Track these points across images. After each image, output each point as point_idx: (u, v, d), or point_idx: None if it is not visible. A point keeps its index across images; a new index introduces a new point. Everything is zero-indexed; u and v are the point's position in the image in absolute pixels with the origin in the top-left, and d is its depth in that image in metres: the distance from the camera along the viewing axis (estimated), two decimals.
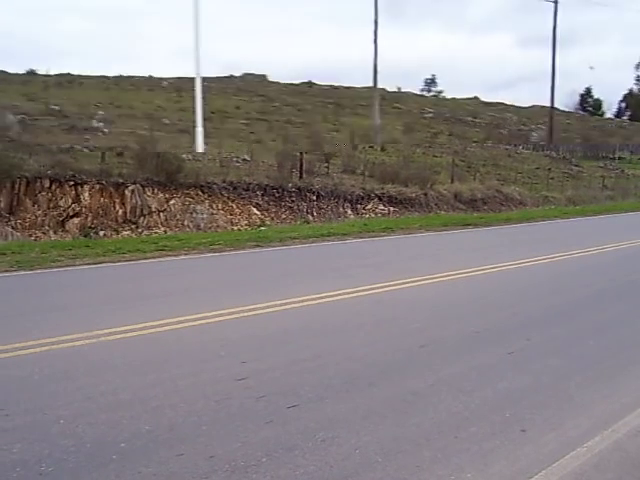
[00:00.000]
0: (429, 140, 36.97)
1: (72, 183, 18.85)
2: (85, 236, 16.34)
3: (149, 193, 19.21)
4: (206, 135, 24.39)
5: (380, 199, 21.36)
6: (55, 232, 17.88)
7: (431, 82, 76.79)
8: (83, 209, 18.83)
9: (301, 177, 21.12)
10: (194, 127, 24.04)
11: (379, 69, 35.15)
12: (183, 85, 41.05)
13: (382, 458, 3.26)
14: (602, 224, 18.32)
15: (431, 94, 69.44)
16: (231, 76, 54.50)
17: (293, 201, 20.39)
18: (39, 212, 18.55)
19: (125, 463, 3.14)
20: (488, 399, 4.10)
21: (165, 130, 27.51)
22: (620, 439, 3.61)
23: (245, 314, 6.07)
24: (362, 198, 21.14)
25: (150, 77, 49.36)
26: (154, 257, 9.93)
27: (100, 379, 4.27)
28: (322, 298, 6.82)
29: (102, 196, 18.98)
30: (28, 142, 20.61)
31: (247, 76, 55.81)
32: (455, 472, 3.14)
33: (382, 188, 21.64)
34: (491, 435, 3.57)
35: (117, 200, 18.98)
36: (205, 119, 25.03)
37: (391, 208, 21.11)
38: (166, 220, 18.97)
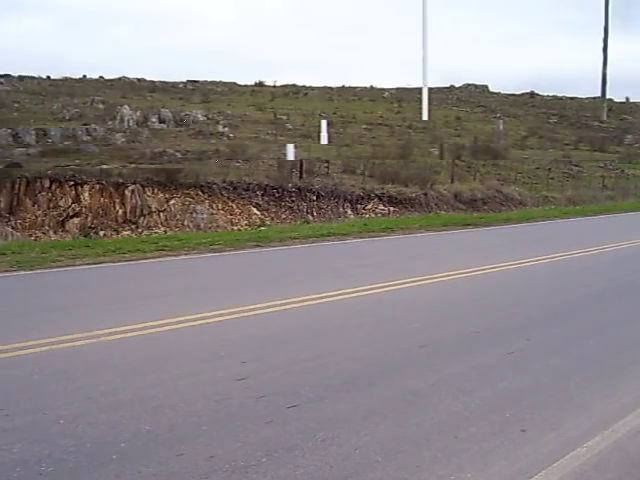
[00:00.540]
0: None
1: (72, 183, 18.87)
2: (85, 236, 16.36)
3: (149, 193, 19.23)
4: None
5: (380, 199, 21.36)
6: (55, 232, 17.90)
7: None
8: (83, 209, 18.85)
9: (301, 177, 21.12)
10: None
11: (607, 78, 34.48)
12: (403, 95, 42.40)
13: (382, 458, 3.26)
14: (602, 224, 18.31)
15: None
16: (451, 87, 53.76)
17: (293, 201, 20.39)
18: (39, 212, 18.57)
19: (125, 463, 3.14)
20: (488, 399, 4.10)
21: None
22: (620, 439, 3.61)
23: (245, 314, 6.07)
24: (362, 198, 21.15)
25: (372, 88, 50.41)
26: (154, 257, 9.93)
27: (100, 379, 4.26)
28: (322, 298, 6.81)
29: (102, 196, 19.00)
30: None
31: (468, 86, 55.12)
32: (455, 472, 3.14)
33: (382, 188, 21.65)
34: (491, 435, 3.57)
35: (117, 200, 18.99)
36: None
37: (391, 208, 21.11)
38: (166, 220, 18.98)
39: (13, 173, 18.82)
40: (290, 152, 21.61)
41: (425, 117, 23.19)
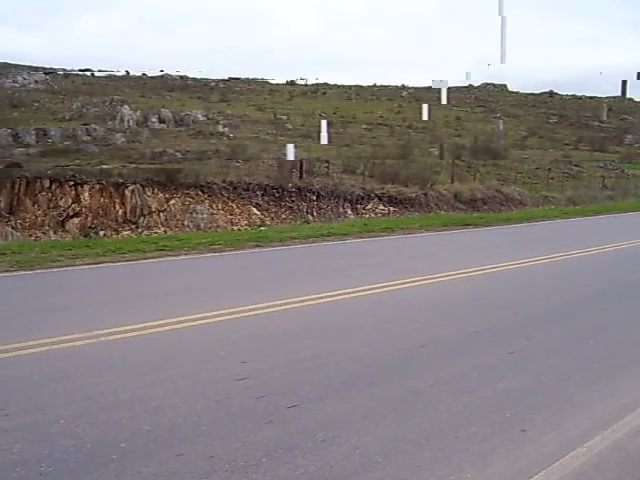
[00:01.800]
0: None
1: (72, 183, 18.89)
2: (85, 236, 16.37)
3: (149, 193, 19.25)
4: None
5: (380, 199, 21.37)
6: (55, 232, 17.92)
7: None
8: (83, 209, 18.87)
9: (301, 177, 21.13)
10: None
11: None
12: (422, 95, 42.33)
13: (382, 458, 3.26)
14: (602, 224, 18.30)
15: None
16: (470, 86, 53.46)
17: (293, 201, 20.41)
18: (39, 212, 18.59)
19: (125, 463, 3.14)
20: (488, 399, 4.10)
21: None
22: (620, 439, 3.61)
23: (245, 314, 6.07)
24: (362, 198, 21.16)
25: (402, 87, 50.66)
26: (154, 257, 9.92)
27: (100, 379, 4.26)
28: (322, 298, 6.81)
29: (102, 196, 19.02)
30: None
31: (487, 86, 55.05)
32: (455, 472, 3.14)
33: (382, 188, 21.66)
34: (491, 435, 3.57)
35: (117, 200, 19.01)
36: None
37: (391, 208, 21.12)
38: (166, 220, 18.99)
39: (13, 173, 18.83)
40: (290, 152, 21.56)
41: (425, 117, 23.03)
